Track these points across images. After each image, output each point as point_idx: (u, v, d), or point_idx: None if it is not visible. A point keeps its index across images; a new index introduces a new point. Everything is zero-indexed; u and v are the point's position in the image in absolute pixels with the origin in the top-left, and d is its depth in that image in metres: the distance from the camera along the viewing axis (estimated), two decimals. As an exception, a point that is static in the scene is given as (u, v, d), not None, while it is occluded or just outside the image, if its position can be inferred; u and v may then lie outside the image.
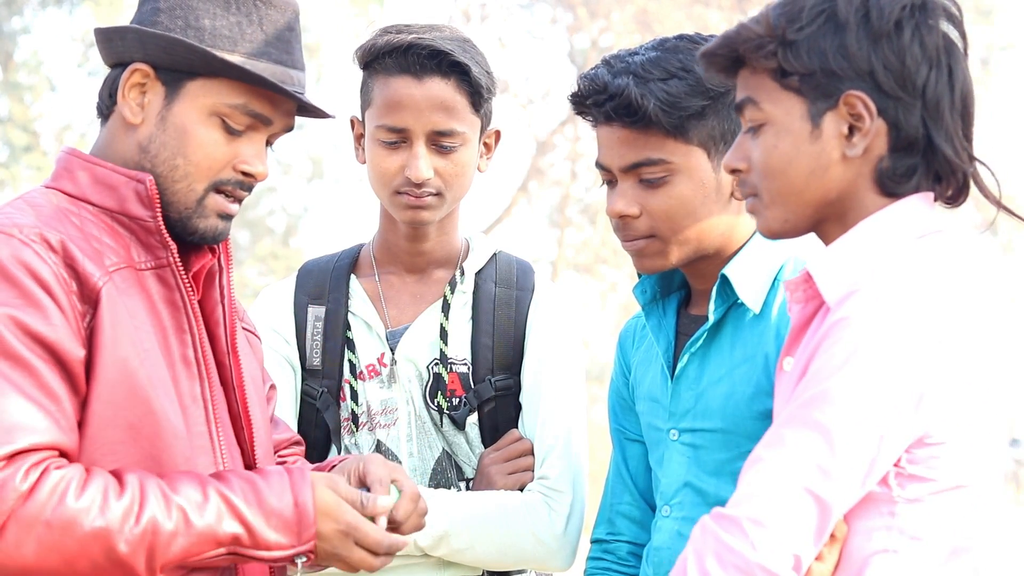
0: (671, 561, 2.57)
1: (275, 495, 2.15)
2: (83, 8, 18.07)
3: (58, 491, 2.03)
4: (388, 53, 2.78)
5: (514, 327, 2.85)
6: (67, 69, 22.04)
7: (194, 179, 2.24)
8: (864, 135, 2.06)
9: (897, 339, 1.95)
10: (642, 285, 2.69)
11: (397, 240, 2.88)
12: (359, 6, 19.15)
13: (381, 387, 2.84)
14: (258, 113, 2.26)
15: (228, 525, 2.11)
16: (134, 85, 2.26)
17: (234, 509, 2.12)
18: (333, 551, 2.19)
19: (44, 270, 2.10)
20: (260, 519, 2.14)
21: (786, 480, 1.94)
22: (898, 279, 2.00)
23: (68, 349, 2.10)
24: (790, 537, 1.94)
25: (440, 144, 2.77)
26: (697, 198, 2.53)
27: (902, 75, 2.05)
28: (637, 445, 2.75)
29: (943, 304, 1.99)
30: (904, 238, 2.06)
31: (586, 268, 19.67)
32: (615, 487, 2.78)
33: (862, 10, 2.05)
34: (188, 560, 2.11)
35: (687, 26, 17.24)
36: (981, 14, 19.23)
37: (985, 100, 19.41)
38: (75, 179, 2.26)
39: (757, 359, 2.51)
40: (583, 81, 2.57)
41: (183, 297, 2.25)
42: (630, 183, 2.55)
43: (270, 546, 2.14)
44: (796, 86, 2.07)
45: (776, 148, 2.09)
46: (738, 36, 2.11)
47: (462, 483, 2.83)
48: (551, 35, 20.18)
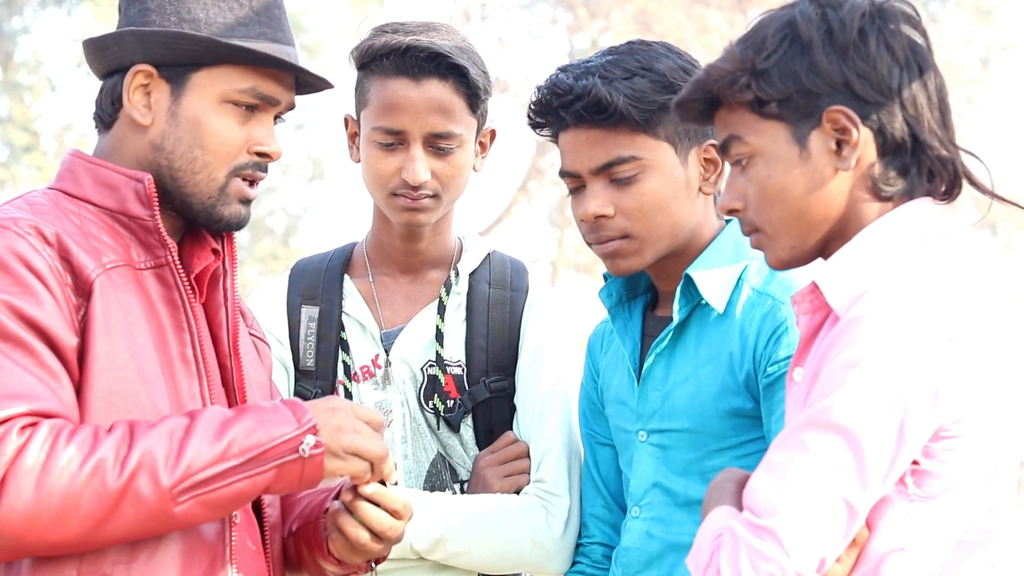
0: (640, 561, 2.61)
1: (255, 406, 2.15)
2: (82, 8, 18.07)
3: (50, 437, 2.03)
4: (386, 54, 2.77)
5: (508, 328, 2.84)
6: (67, 69, 22.04)
7: (214, 168, 2.26)
8: (854, 147, 2.07)
9: (910, 336, 1.96)
10: (608, 288, 2.71)
11: (391, 240, 2.87)
12: (359, 6, 19.15)
13: (376, 389, 2.83)
14: (266, 95, 2.28)
15: (222, 438, 2.09)
16: (138, 87, 2.27)
17: (225, 424, 2.10)
18: (338, 428, 2.14)
19: (38, 261, 2.12)
20: (252, 420, 2.11)
21: (816, 487, 1.95)
22: (907, 279, 2.01)
23: (62, 336, 2.11)
24: (822, 542, 1.95)
25: (437, 146, 2.77)
26: (668, 193, 2.56)
27: (877, 81, 2.07)
28: (607, 449, 2.77)
29: (953, 301, 2.00)
30: (908, 241, 2.07)
31: (586, 268, 19.67)
32: (587, 491, 2.79)
33: (823, 26, 2.07)
34: (199, 481, 2.07)
35: (687, 26, 17.26)
36: (981, 14, 19.23)
37: (985, 100, 19.42)
38: (77, 180, 2.27)
39: (722, 358, 2.53)
40: (544, 90, 2.60)
41: (182, 296, 2.26)
42: (601, 183, 2.57)
43: (273, 438, 2.11)
44: (776, 113, 2.08)
45: (770, 178, 2.10)
46: (709, 77, 2.13)
47: (457, 485, 2.82)
48: (551, 35, 20.20)
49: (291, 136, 19.46)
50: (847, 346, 1.97)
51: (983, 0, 19.17)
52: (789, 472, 1.97)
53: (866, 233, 2.08)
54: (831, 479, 1.95)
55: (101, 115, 2.32)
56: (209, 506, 2.09)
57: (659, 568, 2.59)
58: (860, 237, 2.08)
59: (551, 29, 19.59)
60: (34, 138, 18.31)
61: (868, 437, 1.95)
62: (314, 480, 2.14)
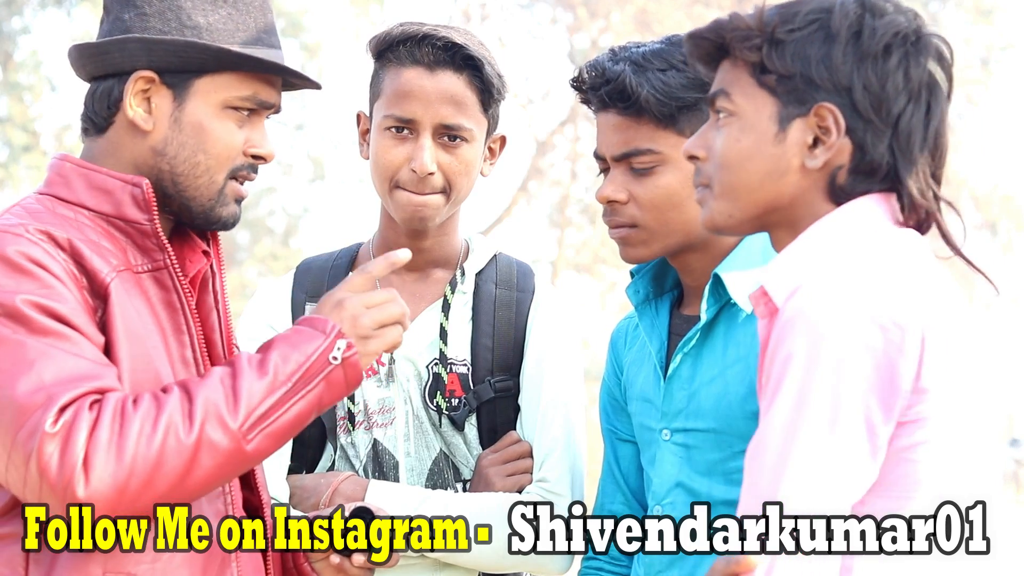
0: (662, 561, 2.60)
1: (279, 334, 2.21)
2: (82, 8, 18.06)
3: (118, 409, 2.07)
4: (402, 42, 2.78)
5: (514, 329, 2.84)
6: (67, 69, 22.04)
7: (215, 171, 2.29)
8: (827, 149, 2.06)
9: (841, 327, 1.93)
10: (635, 285, 2.70)
11: (397, 239, 2.87)
12: (359, 6, 19.15)
13: (379, 386, 2.83)
14: (265, 100, 2.31)
15: (266, 371, 2.15)
16: (139, 92, 2.28)
17: (263, 360, 2.16)
18: (353, 318, 2.21)
19: (55, 266, 2.14)
20: (284, 347, 2.17)
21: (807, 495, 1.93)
22: (838, 271, 1.99)
23: (91, 333, 2.14)
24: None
25: (447, 137, 2.77)
26: (685, 190, 2.55)
27: (879, 99, 2.05)
28: (628, 445, 2.76)
29: (887, 287, 1.97)
30: (851, 238, 2.05)
31: (586, 268, 19.67)
32: (607, 487, 2.79)
33: (855, 27, 2.06)
34: (261, 415, 2.13)
35: (687, 26, 17.22)
36: (981, 14, 19.23)
37: (985, 100, 19.41)
38: (70, 185, 2.27)
39: (750, 359, 2.51)
40: (585, 66, 2.61)
41: (180, 299, 2.27)
42: (621, 170, 2.58)
43: (309, 355, 2.17)
44: (772, 85, 2.08)
45: (738, 142, 2.10)
46: (728, 24, 2.12)
47: (459, 484, 2.82)
48: (551, 35, 20.20)
49: (291, 136, 19.47)
50: (782, 345, 1.96)
51: (983, 0, 19.17)
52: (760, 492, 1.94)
53: (811, 231, 2.07)
54: (806, 481, 1.93)
55: (93, 118, 2.32)
56: (275, 436, 2.15)
57: (681, 568, 2.57)
58: (804, 236, 2.07)
59: (551, 29, 19.59)
60: (33, 138, 18.30)
61: (839, 434, 1.93)
62: (358, 378, 2.22)
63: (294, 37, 18.75)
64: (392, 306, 2.25)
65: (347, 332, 2.19)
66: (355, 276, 2.26)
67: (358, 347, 2.20)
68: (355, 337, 2.20)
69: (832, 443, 1.93)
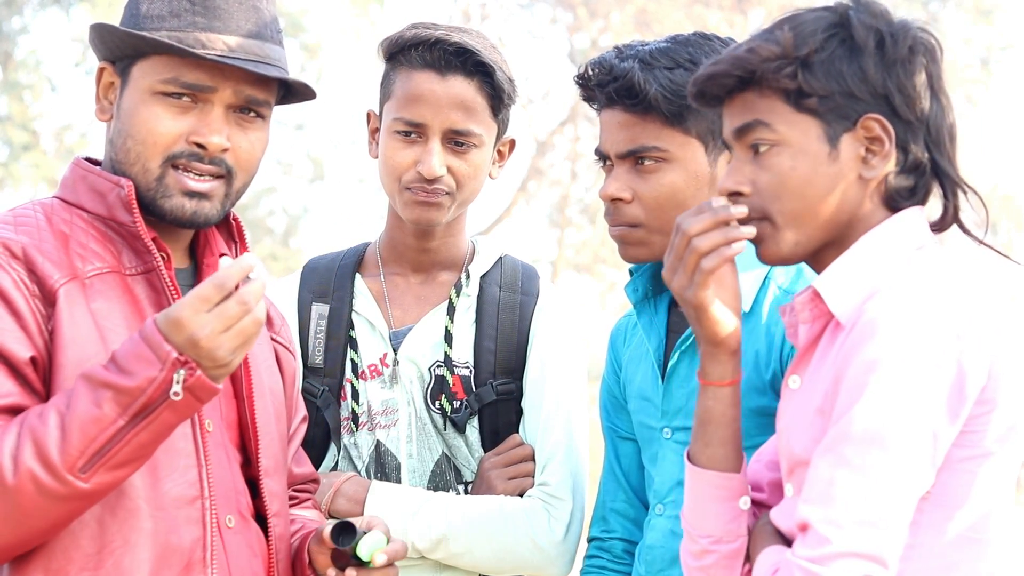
0: (664, 559, 2.59)
1: (121, 348, 2.09)
2: (81, 8, 18.06)
3: None
4: (415, 46, 2.77)
5: (517, 332, 2.84)
6: (67, 69, 22.05)
7: (146, 158, 2.24)
8: (883, 157, 2.10)
9: (924, 334, 1.98)
10: (634, 283, 2.70)
11: (404, 239, 2.87)
12: (359, 6, 19.14)
13: (382, 387, 2.83)
14: (191, 83, 2.24)
15: (101, 404, 2.04)
16: (105, 84, 2.30)
17: (99, 385, 2.05)
18: (207, 337, 2.04)
19: (4, 278, 2.13)
20: (115, 371, 2.06)
21: (869, 500, 1.96)
22: (913, 281, 2.03)
23: (14, 350, 2.11)
24: (887, 546, 1.98)
25: (456, 143, 2.77)
26: (689, 190, 2.55)
27: (912, 100, 2.10)
28: (629, 443, 2.76)
29: (962, 299, 2.02)
30: (905, 249, 2.10)
31: (586, 268, 19.67)
32: (608, 485, 2.79)
33: (876, 36, 2.10)
34: (94, 451, 2.04)
35: (687, 26, 17.23)
36: (981, 14, 19.23)
37: (985, 100, 19.41)
38: (74, 188, 2.28)
39: (748, 357, 2.51)
40: (590, 63, 2.60)
41: (170, 301, 2.24)
42: (625, 168, 2.57)
43: (142, 386, 2.04)
44: (814, 107, 2.10)
45: (794, 170, 2.11)
46: (754, 56, 2.12)
47: (461, 486, 2.82)
48: (551, 35, 20.21)
49: (291, 136, 19.46)
50: (865, 349, 1.99)
51: (983, 0, 19.17)
52: (836, 490, 1.97)
53: (865, 240, 2.11)
54: (881, 488, 1.96)
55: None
56: (118, 466, 2.07)
57: None
58: (859, 245, 2.10)
59: (551, 29, 19.59)
60: (33, 137, 18.31)
61: (902, 439, 1.96)
62: (213, 392, 2.07)
63: (294, 37, 18.75)
64: (247, 323, 2.07)
65: (193, 356, 2.04)
66: (206, 285, 2.06)
67: (209, 369, 2.06)
68: (206, 360, 2.05)
69: (909, 450, 1.97)
